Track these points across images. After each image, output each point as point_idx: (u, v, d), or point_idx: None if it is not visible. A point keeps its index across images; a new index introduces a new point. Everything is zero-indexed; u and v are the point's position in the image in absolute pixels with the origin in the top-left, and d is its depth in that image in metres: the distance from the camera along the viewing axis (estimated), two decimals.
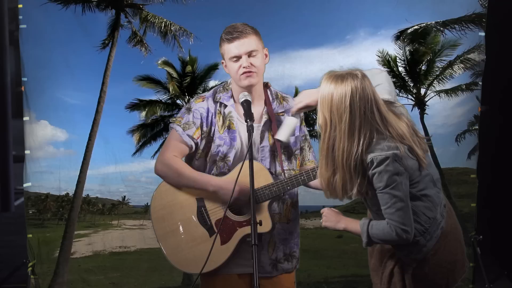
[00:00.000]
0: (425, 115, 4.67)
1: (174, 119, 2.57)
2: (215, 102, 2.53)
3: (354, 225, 2.30)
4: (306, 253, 4.86)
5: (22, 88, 4.40)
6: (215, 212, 2.48)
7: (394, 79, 4.73)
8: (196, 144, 2.51)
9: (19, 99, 4.47)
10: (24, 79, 4.40)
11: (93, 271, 4.69)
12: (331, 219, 2.35)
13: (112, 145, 4.70)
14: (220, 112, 2.51)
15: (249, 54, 2.42)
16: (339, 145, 2.13)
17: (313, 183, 2.47)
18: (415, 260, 2.25)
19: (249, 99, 2.42)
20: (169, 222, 2.51)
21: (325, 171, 2.20)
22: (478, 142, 4.46)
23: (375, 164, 2.10)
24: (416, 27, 4.59)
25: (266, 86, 2.59)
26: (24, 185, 4.51)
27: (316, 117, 2.21)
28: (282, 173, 2.53)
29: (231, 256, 2.45)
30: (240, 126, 2.51)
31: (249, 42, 2.41)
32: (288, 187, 2.45)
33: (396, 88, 4.75)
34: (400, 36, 4.57)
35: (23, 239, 4.50)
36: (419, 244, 2.22)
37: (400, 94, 4.76)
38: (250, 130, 2.29)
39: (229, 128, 2.51)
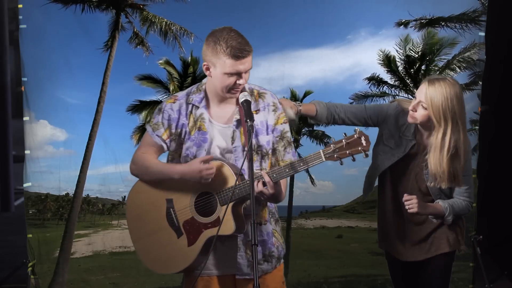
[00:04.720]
0: None
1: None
2: (187, 103, 2.51)
3: (438, 210, 2.74)
4: (306, 253, 4.87)
5: (22, 88, 4.41)
6: (183, 213, 2.48)
7: (393, 79, 4.72)
8: (167, 144, 2.53)
9: (19, 99, 4.47)
10: (24, 79, 4.40)
11: (93, 271, 4.69)
12: (421, 205, 2.66)
13: (112, 145, 4.70)
14: (192, 114, 2.50)
15: (246, 71, 2.41)
16: (463, 137, 2.61)
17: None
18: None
19: (249, 99, 2.41)
20: (142, 222, 2.54)
21: (448, 165, 2.63)
22: (478, 142, 4.45)
23: (470, 150, 2.68)
24: (418, 22, 4.58)
25: None
26: (24, 185, 4.51)
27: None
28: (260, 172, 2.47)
29: (199, 257, 2.45)
30: (211, 128, 2.49)
31: (250, 61, 2.39)
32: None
33: (396, 88, 4.76)
34: (401, 25, 4.54)
35: (23, 239, 4.50)
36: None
37: (401, 94, 4.75)
38: (250, 130, 2.28)
39: (200, 130, 2.48)
